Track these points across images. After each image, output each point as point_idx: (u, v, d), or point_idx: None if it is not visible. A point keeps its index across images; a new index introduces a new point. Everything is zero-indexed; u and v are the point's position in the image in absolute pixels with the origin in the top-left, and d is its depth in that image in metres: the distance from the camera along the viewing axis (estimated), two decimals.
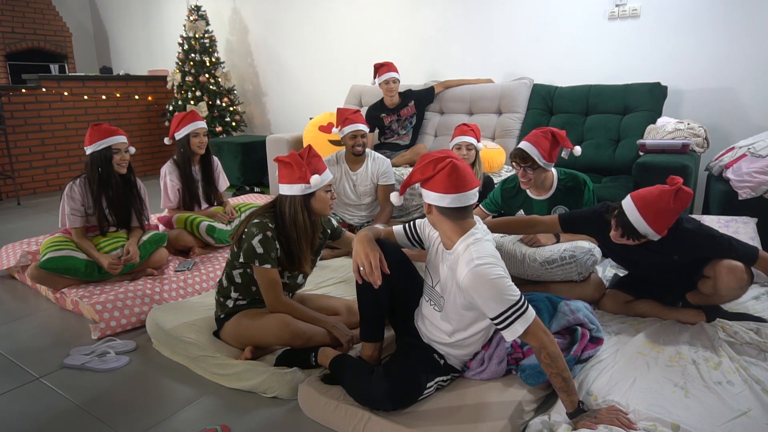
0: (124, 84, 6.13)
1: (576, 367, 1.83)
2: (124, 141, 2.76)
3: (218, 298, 2.14)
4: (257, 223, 1.98)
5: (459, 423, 1.58)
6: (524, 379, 1.74)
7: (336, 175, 3.31)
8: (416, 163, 1.67)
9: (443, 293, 1.72)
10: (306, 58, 5.55)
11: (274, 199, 2.07)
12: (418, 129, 4.18)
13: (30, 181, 5.44)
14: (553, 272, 2.34)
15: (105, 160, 2.71)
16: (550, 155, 2.35)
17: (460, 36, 4.48)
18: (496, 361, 1.78)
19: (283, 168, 1.98)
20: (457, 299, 1.66)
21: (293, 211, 1.98)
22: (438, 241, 1.75)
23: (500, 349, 1.79)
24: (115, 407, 1.85)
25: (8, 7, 6.89)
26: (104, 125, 2.75)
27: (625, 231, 1.87)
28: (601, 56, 3.86)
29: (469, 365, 1.82)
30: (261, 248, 1.95)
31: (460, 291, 1.60)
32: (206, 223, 3.12)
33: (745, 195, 2.74)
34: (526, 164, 2.36)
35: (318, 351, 1.94)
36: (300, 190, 1.96)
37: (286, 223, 2.00)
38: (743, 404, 1.59)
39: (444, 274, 1.70)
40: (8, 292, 2.93)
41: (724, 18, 3.38)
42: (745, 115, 3.36)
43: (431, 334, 1.80)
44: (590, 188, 2.46)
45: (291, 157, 1.96)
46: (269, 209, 2.04)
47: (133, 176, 2.87)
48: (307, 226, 2.02)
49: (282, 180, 1.99)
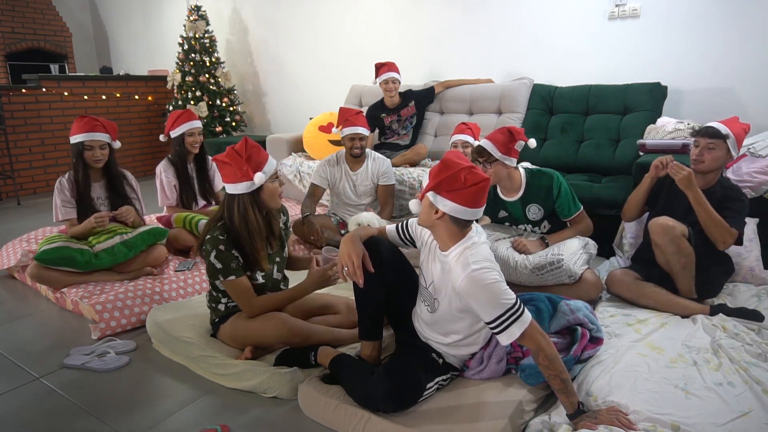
0: (124, 84, 6.13)
1: (576, 367, 1.82)
2: (99, 138, 2.72)
3: (210, 304, 2.14)
4: (209, 239, 1.94)
5: (459, 423, 1.58)
6: (524, 378, 1.74)
7: (336, 175, 3.31)
8: (439, 169, 1.59)
9: (436, 294, 1.71)
10: (306, 58, 5.55)
11: (222, 203, 2.00)
12: (418, 129, 4.18)
13: (30, 181, 5.44)
14: (543, 278, 2.37)
15: (78, 154, 2.73)
16: (507, 148, 2.40)
17: (460, 36, 4.48)
18: (495, 360, 1.78)
19: (225, 168, 1.90)
20: (452, 302, 1.65)
21: (243, 209, 1.92)
22: (431, 241, 1.75)
23: (499, 348, 1.79)
24: (115, 407, 1.85)
25: (8, 7, 6.89)
26: (87, 118, 2.72)
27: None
28: (601, 56, 3.86)
29: (468, 364, 1.82)
30: (219, 263, 1.92)
31: (456, 295, 1.61)
32: (205, 220, 3.11)
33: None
34: (483, 158, 2.42)
35: (317, 350, 1.94)
36: (246, 188, 1.91)
37: (236, 224, 1.94)
38: (744, 405, 1.59)
39: (437, 275, 1.70)
40: (8, 292, 2.93)
41: (725, 18, 3.38)
42: (745, 115, 3.34)
43: (428, 334, 1.80)
44: (559, 179, 2.48)
45: (229, 156, 1.88)
46: (219, 218, 1.99)
47: (115, 169, 2.85)
48: (260, 222, 1.97)
49: (226, 179, 1.92)
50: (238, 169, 1.87)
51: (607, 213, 2.98)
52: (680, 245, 2.17)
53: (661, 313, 2.22)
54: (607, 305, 2.35)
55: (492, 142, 2.41)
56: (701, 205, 2.17)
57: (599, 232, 2.73)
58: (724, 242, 2.19)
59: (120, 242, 2.74)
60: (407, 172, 3.62)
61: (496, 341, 1.79)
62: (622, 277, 2.35)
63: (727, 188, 2.32)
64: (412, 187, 3.53)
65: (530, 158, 3.60)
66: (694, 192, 2.17)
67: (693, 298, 2.26)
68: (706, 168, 2.29)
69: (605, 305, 2.35)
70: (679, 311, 2.21)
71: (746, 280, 2.52)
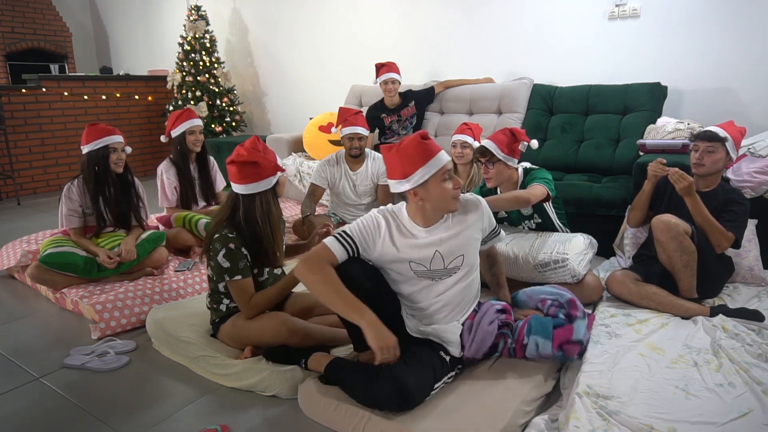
0: (124, 84, 6.13)
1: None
2: (120, 140, 2.78)
3: (211, 305, 2.14)
4: (218, 238, 1.94)
5: (459, 422, 1.58)
6: (535, 331, 1.78)
7: (336, 175, 3.31)
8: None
9: (458, 252, 1.77)
10: (306, 58, 5.55)
11: (227, 203, 1.99)
12: (418, 129, 4.18)
13: (30, 181, 5.44)
14: (546, 275, 2.37)
15: (102, 159, 2.73)
16: (510, 148, 2.44)
17: (460, 36, 4.48)
18: (486, 322, 1.80)
19: (247, 168, 1.89)
20: (475, 234, 1.82)
21: (266, 206, 1.94)
22: (418, 236, 1.76)
23: (491, 311, 1.82)
24: (115, 407, 1.85)
25: (8, 7, 6.89)
26: (101, 125, 2.77)
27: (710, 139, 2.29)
28: (601, 56, 3.85)
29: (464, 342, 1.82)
30: (227, 262, 1.92)
31: (479, 221, 1.84)
32: (204, 220, 3.12)
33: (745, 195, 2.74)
34: (486, 158, 2.45)
35: (308, 357, 1.90)
36: (268, 184, 1.93)
37: (258, 222, 1.94)
38: (744, 406, 1.59)
39: (450, 240, 1.76)
40: (8, 292, 2.93)
41: (724, 18, 3.38)
42: (745, 115, 3.35)
43: (440, 307, 1.80)
44: (544, 171, 2.54)
45: (251, 155, 1.88)
46: (226, 218, 1.97)
47: (130, 175, 2.89)
48: (280, 215, 2.03)
49: (245, 181, 1.91)
50: (267, 165, 1.90)
51: (607, 213, 2.98)
52: (683, 242, 2.18)
53: (661, 314, 2.22)
54: (607, 305, 2.34)
55: (495, 143, 2.43)
56: (698, 209, 2.24)
57: (599, 232, 2.73)
58: (719, 246, 2.27)
59: None
60: None
61: (486, 308, 1.84)
62: (622, 279, 2.35)
63: (729, 191, 2.37)
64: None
65: (530, 159, 3.60)
66: (692, 198, 2.24)
67: (694, 297, 2.26)
68: (707, 171, 2.34)
69: (605, 305, 2.35)
70: (679, 312, 2.21)
71: (746, 280, 2.52)
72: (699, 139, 2.34)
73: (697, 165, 2.35)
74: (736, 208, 2.30)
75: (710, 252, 2.27)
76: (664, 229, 2.21)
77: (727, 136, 2.31)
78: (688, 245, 2.19)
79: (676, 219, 2.21)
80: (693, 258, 2.20)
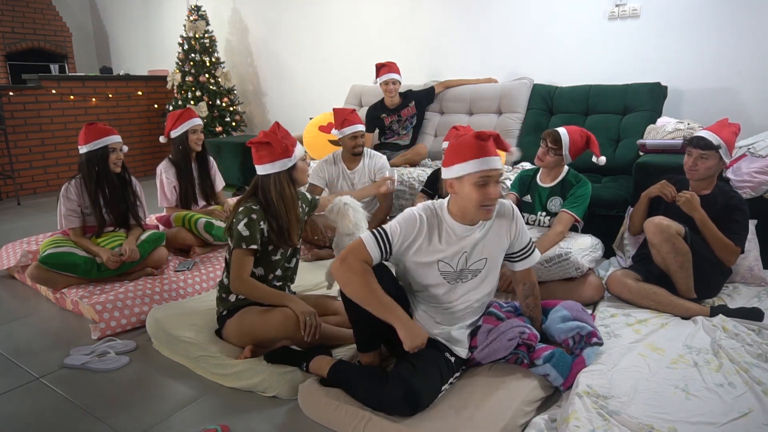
0: (124, 84, 6.13)
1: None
2: (119, 140, 2.80)
3: (220, 294, 2.15)
4: (242, 210, 2.05)
5: (459, 423, 1.58)
6: (555, 363, 1.76)
7: (334, 175, 3.32)
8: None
9: (482, 255, 1.80)
10: (306, 58, 5.55)
11: (253, 184, 2.12)
12: (419, 129, 4.18)
13: (30, 181, 5.44)
14: (552, 270, 2.39)
15: (101, 159, 2.74)
16: (575, 154, 2.54)
17: (460, 36, 4.48)
18: (507, 338, 1.79)
19: (263, 149, 2.04)
20: (503, 238, 1.83)
21: (279, 186, 2.05)
22: (450, 235, 1.77)
23: (515, 327, 1.81)
24: (115, 407, 1.85)
25: (8, 7, 6.88)
26: (99, 125, 2.78)
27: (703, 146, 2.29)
28: (601, 56, 3.85)
29: (474, 343, 1.83)
30: (247, 231, 2.00)
31: (509, 231, 1.84)
32: (204, 220, 3.11)
33: (745, 195, 2.73)
34: (555, 147, 2.52)
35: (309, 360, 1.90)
36: (282, 166, 2.04)
37: (273, 200, 2.06)
38: (744, 406, 1.59)
39: (480, 241, 1.79)
40: (8, 292, 2.93)
41: (724, 18, 3.38)
42: (745, 115, 3.35)
43: (458, 308, 1.83)
44: (589, 187, 2.59)
45: (267, 136, 2.02)
46: (251, 194, 2.11)
47: (127, 175, 2.89)
48: (294, 198, 2.11)
49: (262, 161, 2.05)
50: (278, 146, 2.02)
51: (607, 213, 2.98)
52: (675, 244, 2.19)
53: (661, 314, 2.22)
54: (607, 305, 2.35)
55: (570, 140, 2.50)
56: (707, 227, 2.26)
57: (599, 232, 2.73)
58: (729, 261, 2.30)
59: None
60: (407, 172, 3.62)
61: (511, 323, 1.82)
62: (622, 279, 2.35)
63: (728, 195, 2.38)
64: (411, 187, 3.53)
65: (525, 157, 3.61)
66: (699, 215, 2.27)
67: (692, 298, 2.26)
68: (701, 176, 2.38)
69: (605, 305, 2.35)
70: (679, 312, 2.21)
71: (745, 280, 2.52)
72: (692, 145, 2.36)
73: (690, 171, 2.38)
74: (738, 216, 2.31)
75: (705, 253, 2.27)
76: (656, 231, 2.22)
77: (720, 143, 2.30)
78: (682, 246, 2.19)
79: (668, 220, 2.21)
80: (687, 259, 2.20)
